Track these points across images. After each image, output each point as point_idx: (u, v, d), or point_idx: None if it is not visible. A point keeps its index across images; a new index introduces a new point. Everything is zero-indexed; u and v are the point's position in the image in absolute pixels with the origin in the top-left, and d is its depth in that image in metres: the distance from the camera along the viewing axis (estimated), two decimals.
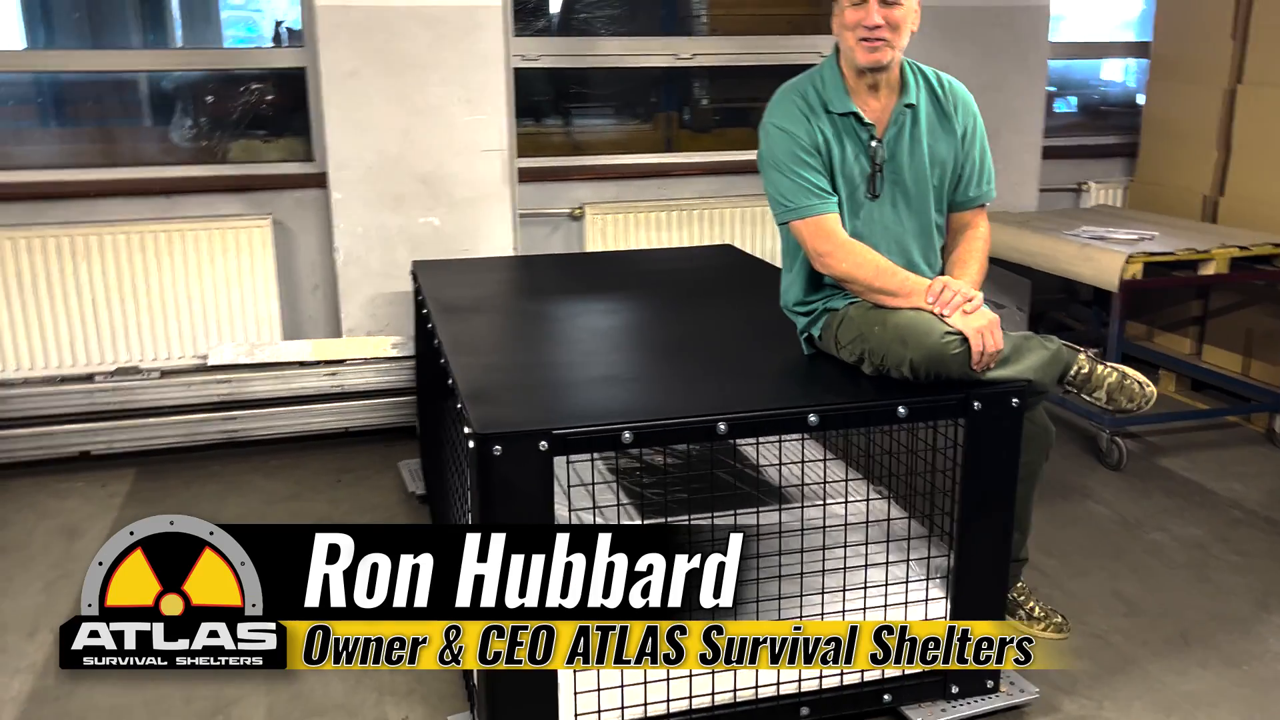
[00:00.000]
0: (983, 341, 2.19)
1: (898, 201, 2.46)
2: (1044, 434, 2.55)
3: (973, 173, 2.49)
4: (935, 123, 2.46)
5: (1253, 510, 3.43)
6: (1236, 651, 2.65)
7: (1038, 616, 2.72)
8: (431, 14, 3.86)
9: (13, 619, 2.83)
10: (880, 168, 2.43)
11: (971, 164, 2.49)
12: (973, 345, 2.19)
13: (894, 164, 2.44)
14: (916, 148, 2.44)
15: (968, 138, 2.48)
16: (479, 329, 2.80)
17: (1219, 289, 4.42)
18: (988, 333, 2.21)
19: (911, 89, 2.44)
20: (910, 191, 2.46)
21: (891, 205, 2.46)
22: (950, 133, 2.47)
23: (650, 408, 2.15)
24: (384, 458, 3.91)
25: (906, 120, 2.44)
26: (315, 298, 4.29)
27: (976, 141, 2.50)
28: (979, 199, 2.51)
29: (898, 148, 2.44)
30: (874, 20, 2.30)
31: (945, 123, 2.46)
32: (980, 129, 2.51)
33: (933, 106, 2.47)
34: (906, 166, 2.44)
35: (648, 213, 4.50)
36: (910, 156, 2.44)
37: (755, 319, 2.80)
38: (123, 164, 4.16)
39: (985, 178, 2.52)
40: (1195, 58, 4.62)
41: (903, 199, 2.46)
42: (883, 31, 2.31)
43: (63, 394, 3.78)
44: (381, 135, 3.92)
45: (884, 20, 2.30)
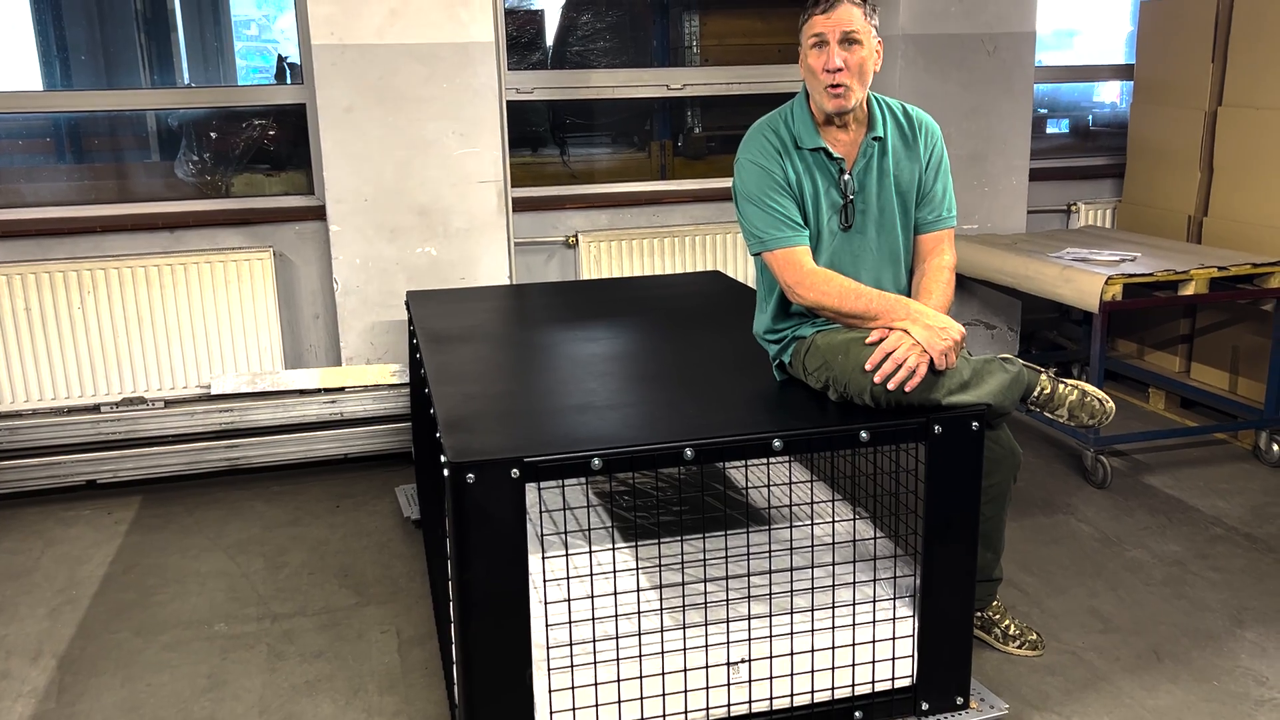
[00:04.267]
0: (894, 363, 2.26)
1: (869, 231, 2.54)
2: (1010, 456, 2.61)
3: (935, 196, 2.56)
4: (901, 152, 2.54)
5: (1233, 527, 3.47)
6: (1208, 667, 2.69)
7: (1013, 635, 2.78)
8: (426, 51, 3.98)
9: (17, 644, 2.92)
10: (851, 200, 2.51)
11: (934, 188, 2.56)
12: (875, 361, 2.27)
13: (863, 195, 2.52)
14: (884, 179, 2.52)
15: (931, 162, 2.55)
16: (464, 358, 2.89)
17: (1205, 308, 4.47)
18: (903, 355, 2.26)
19: (879, 122, 2.51)
20: (880, 221, 2.54)
21: (863, 235, 2.54)
22: (914, 159, 2.54)
23: (622, 434, 2.23)
24: (382, 483, 4.01)
25: (875, 152, 2.51)
26: (316, 327, 4.40)
27: (940, 167, 2.57)
28: (938, 223, 2.57)
29: (866, 179, 2.51)
30: (834, 63, 2.36)
31: (910, 150, 2.54)
32: (943, 156, 2.58)
33: (899, 137, 2.54)
34: (875, 197, 2.52)
35: (641, 239, 4.59)
36: (879, 187, 2.52)
37: (734, 345, 2.88)
38: (128, 199, 4.30)
39: (946, 204, 2.58)
40: (1177, 80, 4.69)
41: (874, 228, 2.54)
42: (844, 76, 2.37)
43: (70, 424, 3.89)
44: (378, 168, 4.03)
45: (844, 63, 2.37)
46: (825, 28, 2.38)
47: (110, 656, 2.85)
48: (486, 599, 2.06)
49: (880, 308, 2.37)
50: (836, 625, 2.33)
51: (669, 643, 2.26)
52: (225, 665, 2.80)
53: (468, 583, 2.05)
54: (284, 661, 2.81)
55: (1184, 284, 3.83)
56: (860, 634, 2.34)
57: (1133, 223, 5.00)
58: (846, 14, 2.37)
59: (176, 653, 2.86)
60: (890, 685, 2.37)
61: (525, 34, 4.64)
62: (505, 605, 2.07)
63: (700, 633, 2.27)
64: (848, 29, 2.37)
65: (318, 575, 3.29)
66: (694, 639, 2.26)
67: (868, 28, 2.40)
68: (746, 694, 2.28)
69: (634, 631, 2.26)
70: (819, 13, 2.39)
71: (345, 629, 2.96)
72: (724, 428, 2.26)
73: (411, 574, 3.28)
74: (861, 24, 2.38)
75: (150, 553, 3.46)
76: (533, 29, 4.67)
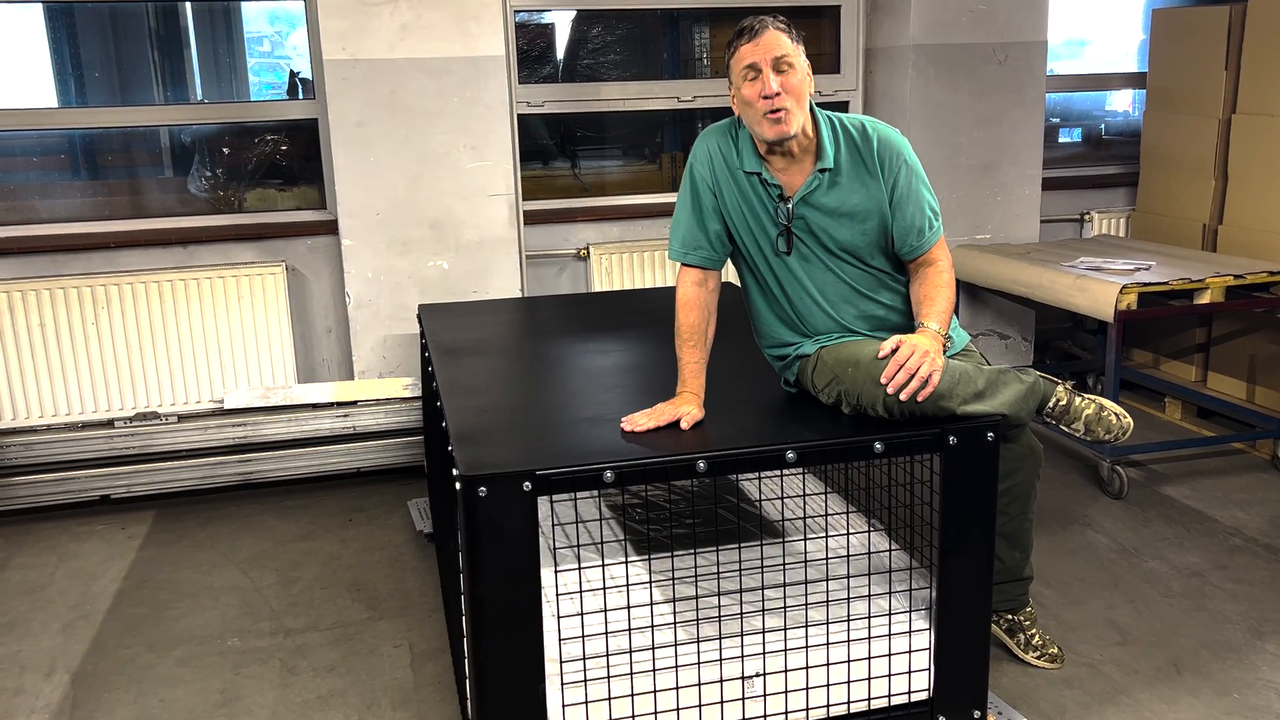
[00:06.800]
0: (906, 373, 2.23)
1: (814, 259, 2.47)
2: (1031, 454, 2.59)
3: (910, 225, 2.44)
4: (854, 179, 2.43)
5: (1253, 538, 3.44)
6: (1228, 680, 2.66)
7: (1035, 645, 2.76)
8: (437, 65, 3.99)
9: (31, 660, 2.92)
10: (789, 226, 2.45)
11: (906, 217, 2.43)
12: (889, 374, 2.24)
13: (805, 224, 2.44)
14: (832, 209, 2.43)
15: (898, 189, 2.43)
16: (476, 371, 2.88)
17: (1222, 317, 4.44)
18: (915, 365, 2.23)
19: (828, 151, 2.40)
20: (830, 249, 2.46)
21: (807, 262, 2.47)
22: (874, 185, 2.43)
23: (634, 447, 2.22)
24: (395, 497, 4.00)
25: (822, 183, 2.42)
26: (328, 341, 4.41)
27: (910, 191, 2.43)
28: (923, 247, 2.46)
29: (809, 209, 2.43)
30: (771, 88, 2.29)
31: (868, 177, 2.43)
32: (913, 176, 2.44)
33: (854, 163, 2.43)
34: (821, 227, 2.44)
35: (652, 252, 4.59)
36: (826, 217, 2.43)
37: (746, 357, 2.87)
38: (142, 215, 4.32)
39: (927, 224, 2.45)
40: (1190, 88, 4.67)
41: (822, 256, 2.46)
42: (782, 100, 2.30)
43: (83, 439, 3.90)
44: (390, 182, 4.04)
45: (781, 88, 2.30)
46: (755, 56, 2.31)
47: (123, 672, 2.85)
48: (499, 613, 2.05)
49: (681, 382, 2.42)
50: (851, 639, 2.31)
51: (683, 657, 2.24)
52: (238, 680, 2.79)
53: (480, 597, 2.05)
54: (297, 676, 2.80)
55: (1200, 293, 3.81)
56: (875, 647, 2.32)
57: (1147, 231, 4.98)
58: (774, 40, 2.32)
59: (189, 668, 2.86)
60: (906, 699, 2.35)
61: (536, 48, 4.65)
62: (518, 619, 2.06)
63: (714, 646, 2.26)
64: (778, 54, 2.31)
65: (330, 589, 3.28)
66: (708, 653, 2.25)
67: (797, 50, 2.35)
68: (761, 708, 2.26)
69: (647, 645, 2.25)
70: (745, 42, 2.34)
71: (358, 643, 2.95)
72: (737, 440, 2.25)
73: (424, 588, 3.28)
74: (790, 48, 2.33)
75: (163, 567, 3.46)
76: (543, 42, 4.68)
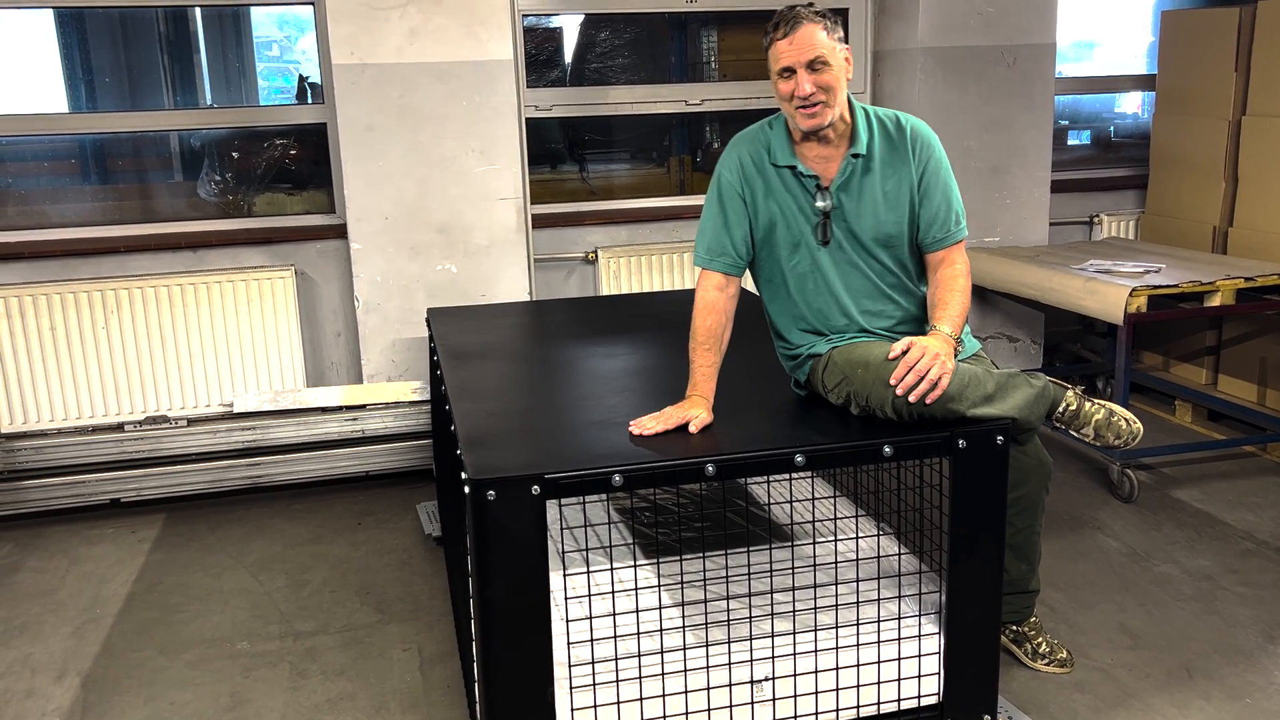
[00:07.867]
0: (915, 375, 2.22)
1: (848, 248, 2.48)
2: (1040, 467, 2.59)
3: (936, 213, 2.46)
4: (888, 165, 2.46)
5: (1264, 541, 3.42)
6: (1240, 684, 2.65)
7: (1043, 652, 2.75)
8: (445, 69, 4.00)
9: (42, 663, 2.93)
10: (828, 216, 2.46)
11: (933, 204, 2.46)
12: (898, 375, 2.23)
13: (842, 212, 2.46)
14: (867, 195, 2.45)
15: (927, 174, 2.46)
16: (484, 375, 2.88)
17: (1232, 319, 4.43)
18: (925, 367, 2.22)
19: (862, 138, 2.43)
20: (863, 238, 2.47)
21: (840, 252, 2.48)
22: (904, 172, 2.45)
23: (643, 450, 2.21)
24: (404, 500, 4.01)
25: (856, 169, 2.44)
26: (337, 344, 4.42)
27: (939, 180, 2.46)
28: (947, 239, 2.48)
29: (845, 196, 2.45)
30: (805, 90, 2.32)
31: (900, 163, 2.45)
32: (942, 167, 2.48)
33: (886, 150, 2.46)
34: (856, 215, 2.46)
35: (661, 255, 4.59)
36: (860, 204, 2.45)
37: (754, 360, 2.87)
38: (152, 220, 4.33)
39: (952, 218, 2.48)
40: (1200, 90, 4.65)
41: (855, 246, 2.48)
42: (817, 96, 2.33)
43: (94, 443, 3.92)
44: (398, 186, 4.05)
45: (814, 87, 2.32)
46: (791, 59, 2.33)
47: (134, 675, 2.85)
48: (508, 616, 2.05)
49: (691, 385, 2.42)
50: (861, 643, 2.30)
51: (691, 660, 2.24)
52: (248, 684, 2.79)
53: (489, 600, 2.05)
54: (306, 680, 2.80)
55: (1210, 295, 3.79)
56: (885, 651, 2.32)
57: (1156, 234, 4.96)
58: (809, 36, 2.32)
59: (199, 671, 2.86)
60: (916, 703, 2.34)
61: (544, 51, 4.66)
62: (527, 622, 2.06)
63: (723, 650, 2.25)
64: (812, 56, 2.32)
65: (340, 593, 3.29)
66: (717, 656, 2.24)
67: (832, 44, 2.35)
68: (770, 712, 2.26)
69: (656, 649, 2.24)
70: (781, 38, 2.34)
71: (367, 647, 2.96)
72: (746, 443, 2.24)
73: (433, 591, 3.28)
74: (826, 43, 2.33)
75: (173, 571, 3.47)
76: (551, 46, 4.69)
